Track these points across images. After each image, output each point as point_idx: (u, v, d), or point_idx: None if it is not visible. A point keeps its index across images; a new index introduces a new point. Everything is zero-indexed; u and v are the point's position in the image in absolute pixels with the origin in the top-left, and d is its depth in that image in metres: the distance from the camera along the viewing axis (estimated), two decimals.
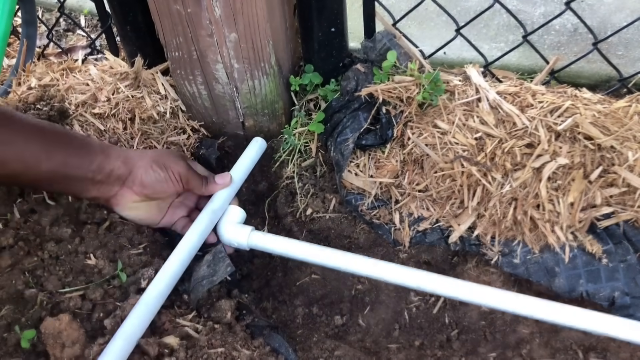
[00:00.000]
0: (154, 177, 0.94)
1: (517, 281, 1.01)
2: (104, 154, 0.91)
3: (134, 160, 0.93)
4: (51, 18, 1.92)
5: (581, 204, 0.95)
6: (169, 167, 0.95)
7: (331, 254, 0.95)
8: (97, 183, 0.91)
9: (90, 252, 0.92)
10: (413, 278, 0.91)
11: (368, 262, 0.93)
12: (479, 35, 1.47)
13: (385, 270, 0.92)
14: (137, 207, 0.97)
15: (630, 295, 0.92)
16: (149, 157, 0.95)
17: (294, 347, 0.99)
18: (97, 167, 0.90)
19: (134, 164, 0.93)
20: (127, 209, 0.96)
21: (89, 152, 0.90)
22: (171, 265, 0.93)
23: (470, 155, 0.97)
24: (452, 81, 1.05)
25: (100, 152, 0.91)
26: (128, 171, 0.92)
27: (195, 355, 0.86)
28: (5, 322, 0.81)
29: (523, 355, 1.01)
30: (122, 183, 0.93)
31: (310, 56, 1.13)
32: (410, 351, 1.05)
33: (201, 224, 0.98)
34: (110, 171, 0.91)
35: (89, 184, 0.90)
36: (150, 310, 0.86)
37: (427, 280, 0.90)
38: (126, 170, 0.92)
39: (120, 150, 0.95)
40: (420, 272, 0.91)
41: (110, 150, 0.93)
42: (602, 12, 1.47)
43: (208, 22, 0.98)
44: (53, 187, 0.92)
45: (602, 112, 0.98)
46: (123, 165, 0.92)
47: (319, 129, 1.10)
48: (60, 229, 0.93)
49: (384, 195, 1.06)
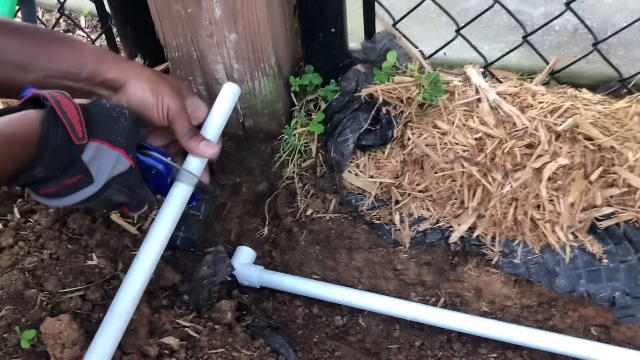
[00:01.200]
0: (142, 99, 0.85)
1: (518, 281, 1.01)
2: (97, 61, 0.83)
3: (130, 73, 0.85)
4: (51, 19, 1.92)
5: (581, 205, 0.95)
6: (161, 95, 0.85)
7: (337, 290, 1.05)
8: (87, 93, 0.83)
9: (90, 253, 0.92)
10: (424, 313, 0.99)
11: (373, 298, 1.03)
12: (479, 35, 1.47)
13: (393, 306, 1.01)
14: None
15: (630, 296, 0.92)
16: (146, 76, 0.86)
17: (294, 348, 0.99)
18: (88, 75, 0.82)
19: (129, 76, 0.85)
20: None
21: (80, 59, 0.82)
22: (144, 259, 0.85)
23: (470, 155, 0.97)
24: (452, 82, 1.05)
25: (94, 60, 0.83)
26: (121, 83, 0.84)
27: (195, 355, 0.86)
28: (5, 323, 0.81)
29: (524, 356, 1.01)
30: (112, 94, 0.85)
31: (310, 57, 1.13)
32: (410, 351, 1.05)
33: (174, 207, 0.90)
34: (102, 81, 0.84)
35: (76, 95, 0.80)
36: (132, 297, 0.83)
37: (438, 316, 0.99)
38: (120, 81, 0.84)
39: (117, 58, 0.87)
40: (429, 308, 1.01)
41: (105, 57, 0.84)
42: (602, 13, 1.46)
43: (208, 22, 0.98)
44: None
45: (602, 112, 0.98)
46: (117, 74, 0.84)
47: (318, 129, 1.10)
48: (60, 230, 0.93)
49: (384, 195, 1.06)
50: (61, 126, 0.70)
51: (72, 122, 0.71)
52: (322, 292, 1.05)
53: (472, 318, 0.98)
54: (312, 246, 1.11)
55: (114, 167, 0.76)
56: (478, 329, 0.97)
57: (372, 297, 1.04)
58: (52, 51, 0.81)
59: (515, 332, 0.95)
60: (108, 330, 0.79)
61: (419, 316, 0.99)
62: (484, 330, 0.96)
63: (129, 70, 0.85)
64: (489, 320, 0.98)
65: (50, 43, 0.81)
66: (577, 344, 0.91)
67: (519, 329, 0.95)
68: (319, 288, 1.05)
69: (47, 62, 0.80)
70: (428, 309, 1.00)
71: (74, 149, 0.71)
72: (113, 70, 0.84)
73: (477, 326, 0.97)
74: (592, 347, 0.91)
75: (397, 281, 1.08)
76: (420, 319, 0.99)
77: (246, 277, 1.08)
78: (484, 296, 1.04)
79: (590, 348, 0.91)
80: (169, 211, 0.87)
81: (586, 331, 1.00)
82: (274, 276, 1.07)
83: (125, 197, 0.80)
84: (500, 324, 0.96)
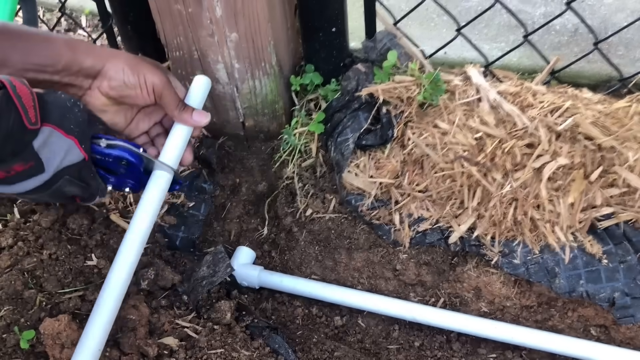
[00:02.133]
0: (124, 80, 0.83)
1: (518, 281, 1.01)
2: (70, 50, 0.81)
3: (106, 57, 0.83)
4: (52, 18, 1.92)
5: (581, 205, 0.95)
6: (143, 74, 0.84)
7: (337, 291, 1.05)
8: (65, 86, 0.82)
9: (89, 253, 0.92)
10: (423, 314, 0.99)
11: (372, 298, 1.02)
12: (480, 35, 1.47)
13: (393, 306, 1.01)
14: (104, 109, 0.87)
15: (630, 296, 0.92)
16: (123, 58, 0.84)
17: (293, 348, 0.99)
18: (64, 66, 0.80)
19: (106, 60, 0.83)
20: (96, 112, 0.86)
21: (53, 50, 0.80)
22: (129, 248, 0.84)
23: (470, 155, 0.97)
24: (453, 81, 1.05)
25: (66, 49, 0.81)
26: (99, 68, 0.83)
27: (194, 356, 0.86)
28: (4, 323, 0.81)
29: (523, 356, 1.01)
30: (91, 81, 0.84)
31: (311, 56, 1.12)
32: (409, 352, 1.05)
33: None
34: (78, 70, 0.82)
35: (56, 88, 0.81)
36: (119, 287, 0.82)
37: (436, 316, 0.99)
38: (97, 67, 0.83)
39: (89, 45, 0.85)
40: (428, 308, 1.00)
41: (77, 46, 0.82)
42: (603, 12, 1.46)
43: (209, 22, 0.98)
44: None
45: (603, 112, 0.98)
46: (94, 61, 0.82)
47: (319, 129, 1.10)
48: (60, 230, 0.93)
49: (384, 195, 1.05)
50: (14, 110, 0.69)
51: (26, 106, 0.69)
52: (321, 293, 1.05)
53: (472, 318, 0.98)
54: (312, 246, 1.11)
55: (64, 156, 0.75)
56: (477, 329, 0.96)
57: (371, 297, 1.04)
58: (25, 45, 0.80)
59: (514, 332, 0.95)
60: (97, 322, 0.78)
61: (419, 317, 0.99)
62: (483, 330, 0.96)
63: (104, 55, 0.83)
64: (489, 321, 0.98)
65: (22, 37, 0.80)
66: (576, 344, 0.91)
67: (518, 329, 0.95)
68: (319, 288, 1.05)
69: (22, 55, 0.78)
70: (428, 309, 1.00)
71: (26, 133, 0.70)
72: (89, 57, 0.82)
73: (476, 326, 0.97)
74: (592, 347, 0.91)
75: (397, 281, 1.08)
76: (420, 319, 0.99)
77: (245, 278, 1.08)
78: (483, 296, 1.04)
79: (589, 348, 0.91)
80: (147, 202, 0.85)
81: (586, 331, 0.99)
82: (273, 277, 1.07)
83: (78, 189, 0.79)
84: (500, 324, 0.96)
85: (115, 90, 0.84)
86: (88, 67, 0.81)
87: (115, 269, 0.81)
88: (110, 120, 0.89)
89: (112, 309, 0.79)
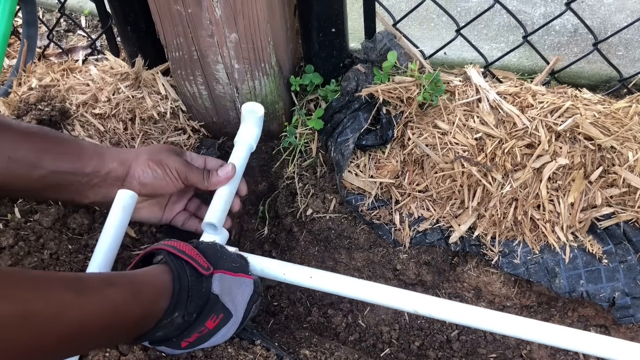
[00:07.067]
0: (152, 176, 0.91)
1: (518, 281, 1.01)
2: (98, 156, 0.89)
3: (130, 160, 0.92)
4: (52, 18, 1.92)
5: (581, 205, 0.95)
6: (165, 164, 0.92)
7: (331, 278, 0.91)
8: (95, 186, 0.89)
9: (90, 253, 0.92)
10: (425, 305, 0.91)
11: (362, 285, 0.90)
12: (480, 35, 1.47)
13: (384, 293, 0.91)
14: (139, 207, 0.95)
15: (630, 296, 0.92)
16: (145, 156, 0.92)
17: (293, 349, 0.99)
18: (93, 170, 0.88)
19: (130, 163, 0.91)
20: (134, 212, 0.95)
21: (82, 155, 0.88)
22: None
23: (470, 155, 0.97)
24: (453, 81, 1.05)
25: (94, 155, 0.89)
26: (125, 171, 0.91)
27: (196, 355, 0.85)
28: None
29: (523, 356, 1.01)
30: (120, 184, 0.91)
31: (311, 56, 1.13)
32: (410, 352, 1.05)
33: None
34: (107, 173, 0.89)
35: (85, 189, 0.89)
36: None
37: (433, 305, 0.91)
38: (124, 171, 0.91)
39: (115, 151, 0.93)
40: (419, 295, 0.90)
41: (104, 152, 0.91)
42: (602, 13, 1.47)
43: (208, 22, 0.98)
44: (45, 195, 0.90)
45: (603, 112, 0.98)
46: (120, 166, 0.90)
47: (318, 125, 1.10)
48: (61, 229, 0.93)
49: (384, 195, 1.06)
50: (186, 264, 0.76)
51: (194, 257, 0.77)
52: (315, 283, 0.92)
53: (476, 309, 0.88)
54: (312, 246, 1.11)
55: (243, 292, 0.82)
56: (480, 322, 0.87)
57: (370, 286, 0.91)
58: (56, 148, 0.87)
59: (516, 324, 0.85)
60: None
61: (420, 309, 0.89)
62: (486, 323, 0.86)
63: (127, 155, 0.92)
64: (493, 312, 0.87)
65: (54, 141, 0.88)
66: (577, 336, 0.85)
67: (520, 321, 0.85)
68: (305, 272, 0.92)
69: (53, 159, 0.85)
70: (430, 299, 0.89)
71: (203, 282, 0.76)
72: (114, 160, 0.90)
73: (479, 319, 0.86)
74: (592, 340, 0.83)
75: (397, 281, 1.08)
76: (422, 312, 0.92)
77: None
78: (483, 296, 1.04)
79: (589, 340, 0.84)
80: None
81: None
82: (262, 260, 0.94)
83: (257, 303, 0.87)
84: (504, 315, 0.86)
85: (148, 187, 0.92)
86: (114, 170, 0.89)
87: None
88: (147, 215, 0.97)
89: None
